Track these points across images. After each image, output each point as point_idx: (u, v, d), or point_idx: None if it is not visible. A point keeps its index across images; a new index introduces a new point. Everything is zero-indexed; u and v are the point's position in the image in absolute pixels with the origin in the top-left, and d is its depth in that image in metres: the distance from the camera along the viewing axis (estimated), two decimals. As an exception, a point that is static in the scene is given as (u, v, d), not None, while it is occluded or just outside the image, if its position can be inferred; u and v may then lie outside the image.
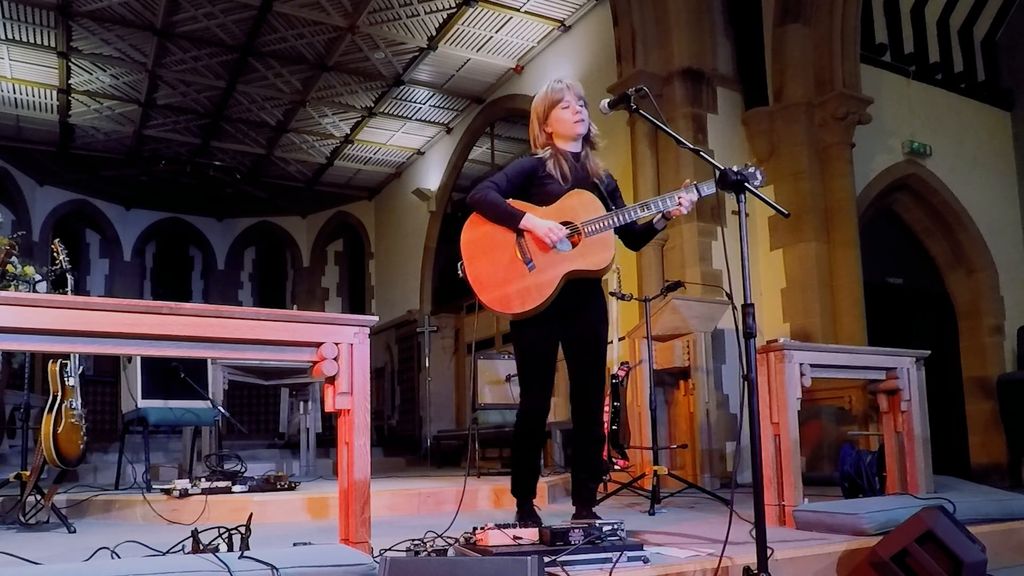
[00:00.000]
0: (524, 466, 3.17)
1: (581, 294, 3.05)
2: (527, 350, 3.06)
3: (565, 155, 3.12)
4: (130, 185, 12.97)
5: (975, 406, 8.58)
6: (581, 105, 3.12)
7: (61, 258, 4.29)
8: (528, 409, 3.08)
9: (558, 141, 3.15)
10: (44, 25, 8.40)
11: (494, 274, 2.96)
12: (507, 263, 2.95)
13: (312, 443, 6.40)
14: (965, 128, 8.85)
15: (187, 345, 2.39)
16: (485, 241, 3.00)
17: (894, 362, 3.92)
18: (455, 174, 11.13)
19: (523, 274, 2.93)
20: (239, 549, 2.35)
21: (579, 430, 3.16)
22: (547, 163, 3.09)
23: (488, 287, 2.96)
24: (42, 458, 3.89)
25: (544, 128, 3.16)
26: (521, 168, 3.12)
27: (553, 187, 3.05)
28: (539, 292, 2.91)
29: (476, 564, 2.08)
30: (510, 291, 2.93)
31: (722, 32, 7.44)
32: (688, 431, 5.87)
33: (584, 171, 3.13)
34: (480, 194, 3.03)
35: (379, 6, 8.14)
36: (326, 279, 14.75)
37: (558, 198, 3.02)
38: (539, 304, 2.91)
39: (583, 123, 3.11)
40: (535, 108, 3.19)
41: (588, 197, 3.02)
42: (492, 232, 3.00)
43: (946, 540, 2.52)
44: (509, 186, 3.06)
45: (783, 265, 7.19)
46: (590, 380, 3.13)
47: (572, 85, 3.14)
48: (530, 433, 3.11)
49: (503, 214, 2.98)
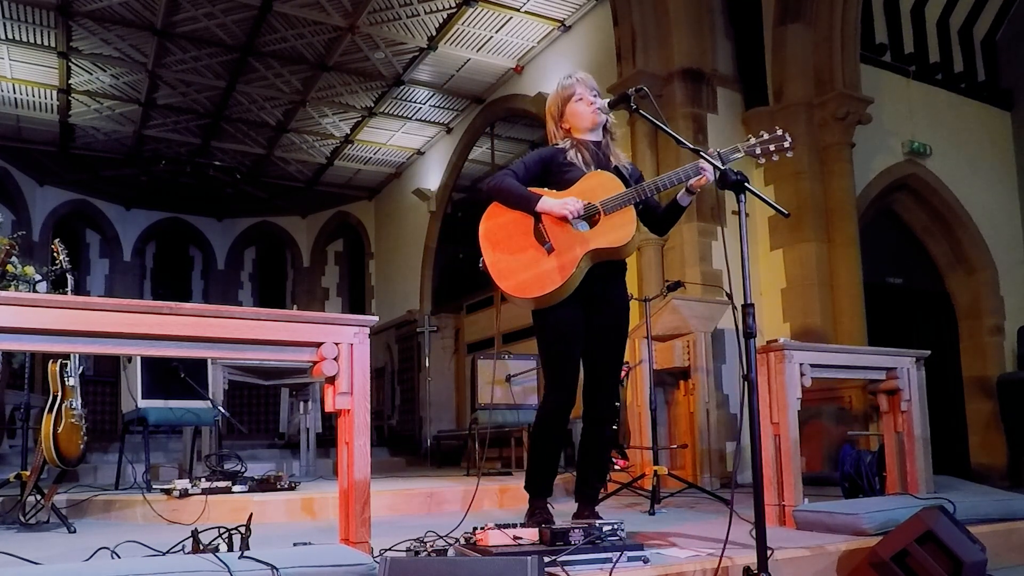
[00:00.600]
0: (544, 464, 3.01)
1: (607, 280, 2.96)
2: (551, 336, 2.92)
3: (586, 144, 3.06)
4: (130, 185, 12.97)
5: (975, 406, 8.58)
6: (595, 95, 3.07)
7: (61, 258, 4.29)
8: (553, 402, 2.94)
9: (577, 135, 3.09)
10: (44, 25, 8.40)
11: (513, 261, 2.86)
12: (525, 248, 2.87)
13: (312, 443, 6.40)
14: (965, 128, 8.85)
15: (187, 345, 2.39)
16: (503, 230, 2.92)
17: (894, 362, 3.92)
18: (455, 174, 11.13)
19: (543, 258, 2.83)
20: (239, 549, 2.35)
21: (590, 428, 3.07)
22: (568, 152, 3.03)
23: (507, 275, 2.86)
24: (42, 458, 3.89)
25: (561, 125, 3.11)
26: (540, 156, 3.05)
27: (574, 173, 2.97)
28: (560, 273, 2.80)
29: (476, 564, 2.08)
30: (530, 276, 2.83)
31: (722, 32, 7.43)
32: (688, 431, 5.86)
33: (606, 159, 3.06)
34: (496, 181, 2.96)
35: (379, 6, 8.14)
36: (326, 279, 14.76)
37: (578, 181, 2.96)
38: (560, 285, 2.79)
39: (601, 113, 3.04)
40: (549, 108, 3.15)
41: (607, 176, 2.94)
42: (510, 220, 2.92)
43: (946, 540, 2.52)
44: (527, 174, 2.99)
45: (783, 265, 7.18)
46: (608, 377, 3.04)
47: (583, 78, 3.10)
48: (554, 429, 2.97)
49: (519, 199, 2.90)
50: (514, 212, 2.92)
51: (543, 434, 3.00)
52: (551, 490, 3.05)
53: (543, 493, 3.01)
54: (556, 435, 3.00)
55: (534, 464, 3.05)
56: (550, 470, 3.03)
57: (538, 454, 3.04)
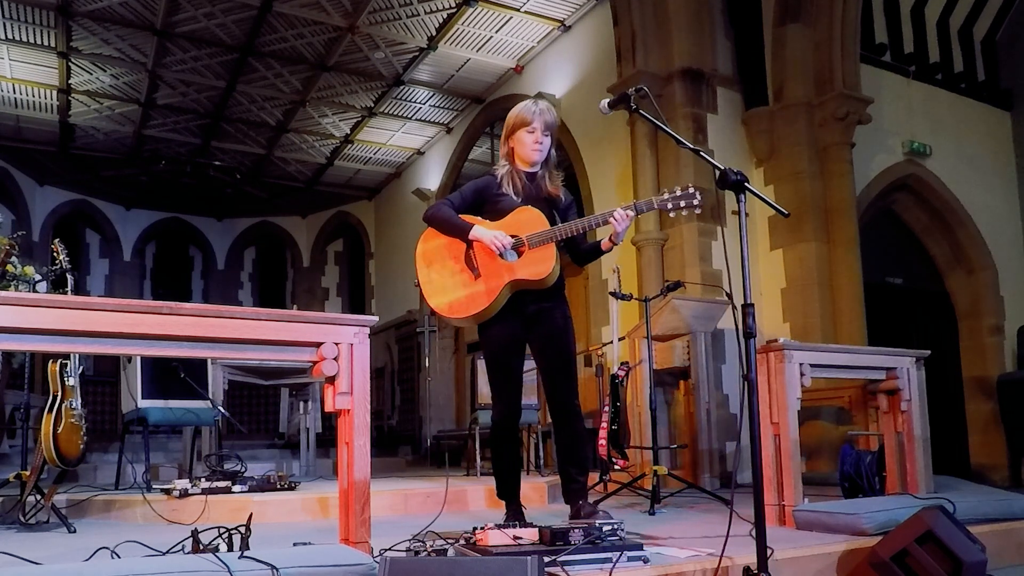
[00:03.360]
0: (505, 469, 3.28)
1: (541, 300, 3.15)
2: (490, 351, 3.19)
3: (520, 173, 3.24)
4: (130, 185, 12.97)
5: (975, 406, 8.58)
6: (547, 135, 3.22)
7: (61, 258, 4.29)
8: (498, 412, 3.24)
9: (516, 160, 3.26)
10: (44, 25, 8.40)
11: (443, 282, 3.13)
12: (456, 272, 3.12)
13: (312, 443, 6.40)
14: (965, 128, 8.85)
15: (187, 345, 2.39)
16: (437, 252, 3.17)
17: (894, 362, 3.93)
18: (455, 174, 11.13)
19: (470, 282, 3.09)
20: (239, 549, 2.35)
21: (558, 426, 3.25)
22: (502, 182, 3.21)
23: (437, 294, 3.12)
24: (42, 458, 3.89)
25: (508, 142, 3.27)
26: (475, 187, 3.26)
27: (506, 202, 3.18)
28: (484, 298, 3.05)
29: (476, 564, 2.08)
30: (457, 297, 3.09)
31: (722, 32, 7.43)
32: (688, 431, 5.87)
33: (538, 189, 3.24)
34: (433, 211, 3.19)
35: (379, 6, 8.14)
36: (326, 279, 14.76)
37: (508, 213, 3.15)
38: (483, 309, 3.05)
39: (540, 153, 3.22)
40: (508, 118, 3.29)
41: (535, 213, 3.14)
42: (444, 244, 3.16)
43: (946, 540, 2.52)
44: (463, 203, 3.21)
45: (783, 265, 7.18)
46: (558, 379, 3.21)
47: (545, 111, 3.21)
48: (504, 437, 3.25)
49: (454, 227, 3.12)
50: (448, 237, 3.15)
51: (494, 442, 3.30)
52: (517, 492, 3.30)
53: (510, 496, 3.28)
54: (506, 441, 3.27)
55: (495, 470, 3.32)
56: (511, 472, 3.29)
57: (495, 461, 3.33)
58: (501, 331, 3.14)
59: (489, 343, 3.18)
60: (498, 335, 3.15)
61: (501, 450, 3.28)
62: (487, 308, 3.05)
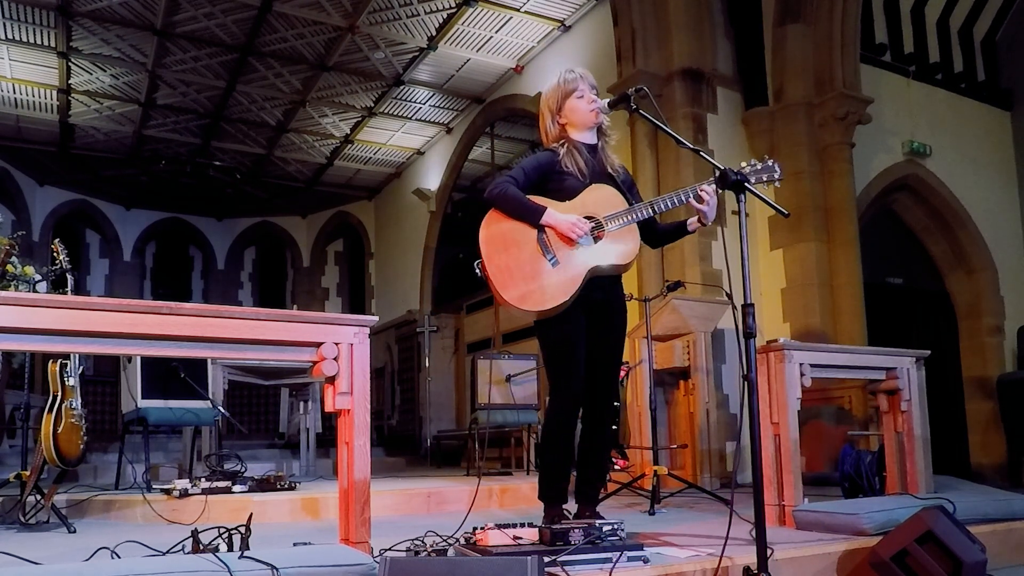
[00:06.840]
0: (556, 470, 2.98)
1: (606, 287, 2.97)
2: (557, 348, 2.93)
3: (580, 148, 3.01)
4: (130, 185, 12.97)
5: (975, 406, 8.58)
6: (595, 94, 3.04)
7: (61, 258, 4.29)
8: (560, 408, 2.94)
9: (572, 132, 3.05)
10: (44, 25, 8.39)
11: (516, 271, 2.84)
12: (529, 260, 2.84)
13: (312, 443, 6.40)
14: (965, 128, 8.85)
15: (187, 345, 2.39)
16: (505, 237, 2.88)
17: (894, 362, 3.92)
18: (455, 174, 11.13)
19: (546, 271, 2.83)
20: (239, 549, 2.35)
21: (590, 429, 3.05)
22: (562, 158, 2.99)
23: (510, 285, 2.83)
24: (42, 458, 3.89)
25: (558, 120, 3.06)
26: (537, 163, 3.00)
27: (571, 182, 2.95)
28: (564, 289, 2.82)
29: (476, 564, 2.08)
30: (533, 288, 2.82)
31: (722, 32, 7.43)
32: (688, 431, 5.86)
33: (600, 164, 3.04)
34: (499, 189, 2.90)
35: (379, 6, 8.14)
36: (326, 279, 14.76)
37: (576, 193, 2.93)
38: (565, 301, 2.81)
39: (599, 111, 3.02)
40: (546, 101, 3.09)
41: (609, 191, 2.95)
42: (511, 228, 2.88)
43: (946, 540, 2.52)
44: (526, 181, 2.95)
45: (783, 265, 7.18)
46: (610, 374, 3.05)
47: (585, 74, 3.06)
48: (563, 434, 2.95)
49: (524, 210, 2.87)
50: (514, 220, 2.90)
51: (552, 440, 2.97)
52: (566, 497, 3.00)
53: (558, 500, 2.97)
54: (565, 441, 2.96)
55: (546, 471, 3.01)
56: (562, 476, 2.98)
57: (548, 461, 3.02)
58: (566, 327, 2.89)
59: (553, 340, 2.93)
60: (564, 332, 2.90)
61: (558, 448, 2.95)
62: (568, 299, 2.81)
